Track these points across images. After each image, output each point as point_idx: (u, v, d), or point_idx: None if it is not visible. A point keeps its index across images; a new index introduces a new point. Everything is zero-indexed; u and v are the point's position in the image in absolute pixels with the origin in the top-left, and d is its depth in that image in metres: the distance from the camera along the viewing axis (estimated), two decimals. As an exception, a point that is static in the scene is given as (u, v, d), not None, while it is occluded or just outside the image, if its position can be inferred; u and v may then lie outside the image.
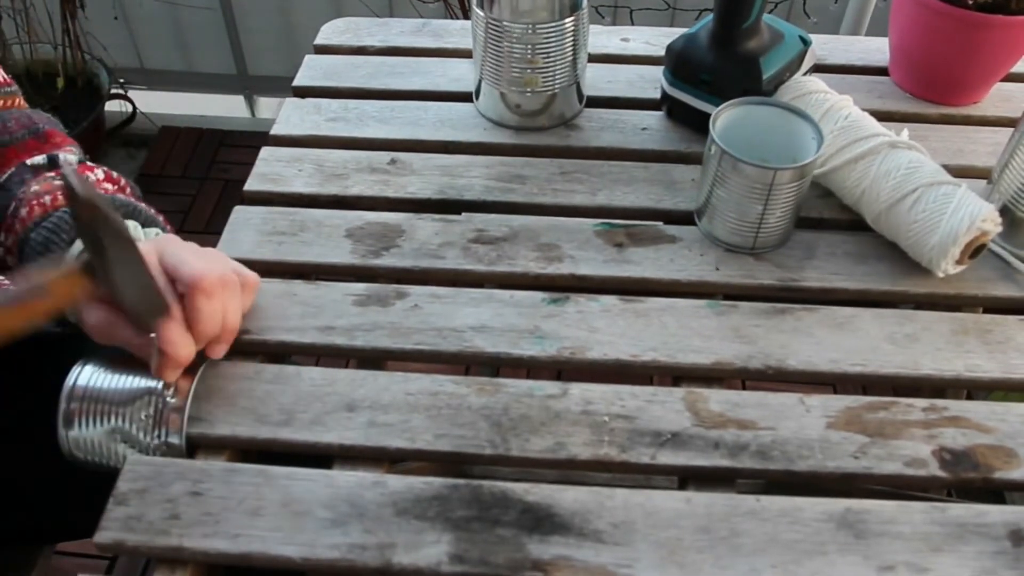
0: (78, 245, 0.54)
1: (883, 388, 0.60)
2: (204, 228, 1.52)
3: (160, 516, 0.50)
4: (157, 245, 0.53)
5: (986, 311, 0.62)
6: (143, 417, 0.53)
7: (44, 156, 0.60)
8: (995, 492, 0.69)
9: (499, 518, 0.49)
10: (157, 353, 0.51)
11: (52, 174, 0.59)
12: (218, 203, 1.59)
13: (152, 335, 0.51)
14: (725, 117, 0.64)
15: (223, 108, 1.84)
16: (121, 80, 1.72)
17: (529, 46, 0.70)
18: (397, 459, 0.54)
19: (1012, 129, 0.75)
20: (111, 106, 1.70)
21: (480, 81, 0.75)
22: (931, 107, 0.79)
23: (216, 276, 0.52)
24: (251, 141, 1.78)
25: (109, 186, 0.60)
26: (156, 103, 1.79)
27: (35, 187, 0.57)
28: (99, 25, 1.67)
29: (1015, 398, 0.81)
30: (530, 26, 0.69)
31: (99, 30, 1.67)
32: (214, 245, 0.65)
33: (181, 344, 0.51)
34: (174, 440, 0.53)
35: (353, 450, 0.53)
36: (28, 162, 0.59)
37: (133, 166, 1.73)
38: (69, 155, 0.61)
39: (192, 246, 0.55)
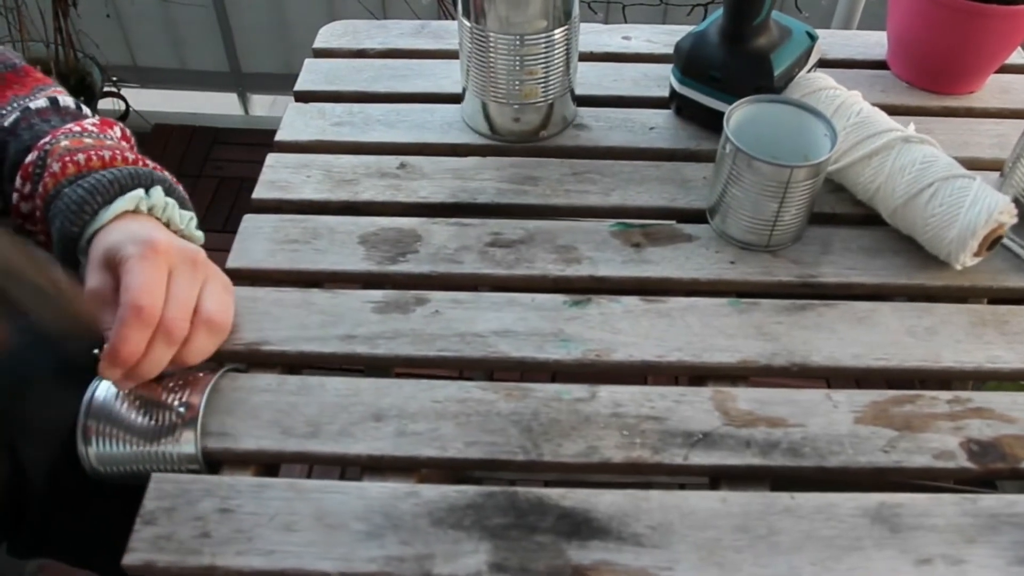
0: (115, 207, 0.53)
1: (901, 381, 0.60)
2: (198, 226, 1.50)
3: (190, 535, 0.49)
4: (181, 253, 0.53)
5: (1001, 302, 0.63)
6: (159, 426, 0.52)
7: (45, 99, 0.60)
8: (989, 483, 0.70)
9: (536, 524, 0.49)
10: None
11: (78, 128, 0.58)
12: (212, 201, 1.57)
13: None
14: (737, 115, 0.64)
15: (216, 106, 1.82)
16: (114, 78, 1.70)
17: (518, 58, 0.68)
18: (429, 468, 0.53)
19: (1015, 120, 0.77)
20: (104, 104, 1.69)
21: (465, 91, 0.74)
22: (933, 99, 0.80)
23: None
24: (245, 139, 1.77)
25: (125, 144, 0.60)
26: (149, 101, 1.77)
27: (65, 142, 0.55)
28: (91, 23, 1.66)
29: (1008, 387, 0.82)
30: (518, 38, 0.67)
31: (91, 28, 1.65)
32: (210, 242, 0.63)
33: (131, 342, 0.49)
34: (188, 449, 0.52)
35: (383, 460, 0.53)
36: (31, 105, 0.58)
37: (126, 164, 1.72)
38: (67, 99, 0.61)
39: (208, 270, 0.55)
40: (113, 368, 0.50)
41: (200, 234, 0.59)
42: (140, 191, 0.55)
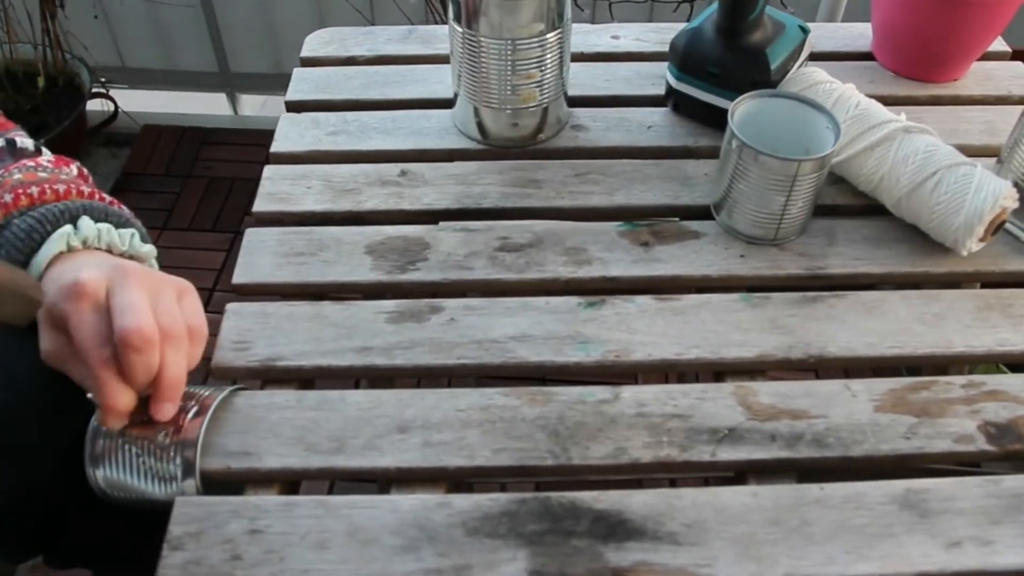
0: (45, 252, 0.51)
1: (888, 369, 0.61)
2: (188, 226, 1.47)
3: (221, 558, 0.48)
4: (111, 276, 0.49)
5: (1002, 285, 0.64)
6: (160, 448, 0.51)
7: (2, 140, 0.58)
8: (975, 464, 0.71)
9: (572, 529, 0.49)
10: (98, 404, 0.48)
11: (31, 163, 0.56)
12: (201, 201, 1.55)
13: (89, 396, 0.49)
14: (740, 111, 0.65)
15: (205, 106, 1.81)
16: (102, 79, 1.68)
17: (511, 63, 0.68)
18: (458, 478, 0.53)
19: (1001, 106, 0.79)
20: (93, 105, 1.66)
21: (457, 96, 0.73)
22: (920, 88, 0.81)
23: (148, 331, 0.47)
24: (234, 139, 1.74)
25: (81, 180, 0.58)
26: (138, 102, 1.76)
27: (18, 175, 0.54)
28: (79, 24, 1.64)
29: (991, 369, 0.84)
30: (511, 42, 0.66)
31: (79, 29, 1.63)
32: (200, 242, 0.62)
33: (118, 395, 0.48)
34: (188, 481, 0.51)
35: (412, 472, 0.52)
36: None
37: (116, 165, 1.69)
38: (26, 141, 0.59)
39: (151, 281, 0.50)
40: (116, 419, 0.49)
41: (148, 248, 0.56)
42: (67, 227, 0.52)
